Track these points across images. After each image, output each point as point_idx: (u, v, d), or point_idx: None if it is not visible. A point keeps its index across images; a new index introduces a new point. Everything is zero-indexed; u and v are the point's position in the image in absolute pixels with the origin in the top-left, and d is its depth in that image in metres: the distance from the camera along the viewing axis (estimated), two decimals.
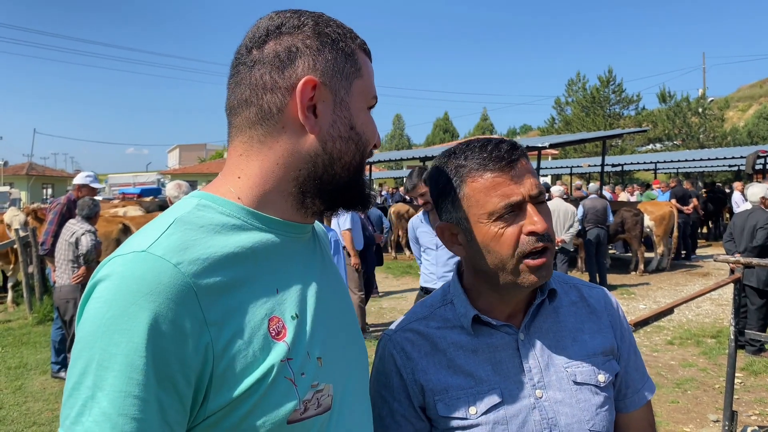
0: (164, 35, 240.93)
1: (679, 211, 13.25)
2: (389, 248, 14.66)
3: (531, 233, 1.05)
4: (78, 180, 6.52)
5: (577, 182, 20.01)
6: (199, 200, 0.90)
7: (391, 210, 14.53)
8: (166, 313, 0.75)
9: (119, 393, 0.72)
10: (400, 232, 14.34)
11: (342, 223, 6.94)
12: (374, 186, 23.25)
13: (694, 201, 13.90)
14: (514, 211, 1.06)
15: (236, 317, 0.81)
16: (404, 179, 4.06)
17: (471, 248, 1.12)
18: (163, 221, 0.85)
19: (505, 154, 1.08)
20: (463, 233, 1.12)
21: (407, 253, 14.38)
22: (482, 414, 1.09)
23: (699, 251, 14.35)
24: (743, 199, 12.28)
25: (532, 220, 1.05)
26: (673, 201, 13.58)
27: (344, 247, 6.54)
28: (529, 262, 1.06)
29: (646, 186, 18.57)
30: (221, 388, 0.78)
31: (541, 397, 1.10)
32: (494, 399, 1.10)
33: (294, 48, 0.91)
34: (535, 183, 1.08)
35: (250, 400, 0.80)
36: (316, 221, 1.07)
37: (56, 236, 5.96)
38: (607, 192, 16.25)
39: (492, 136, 1.15)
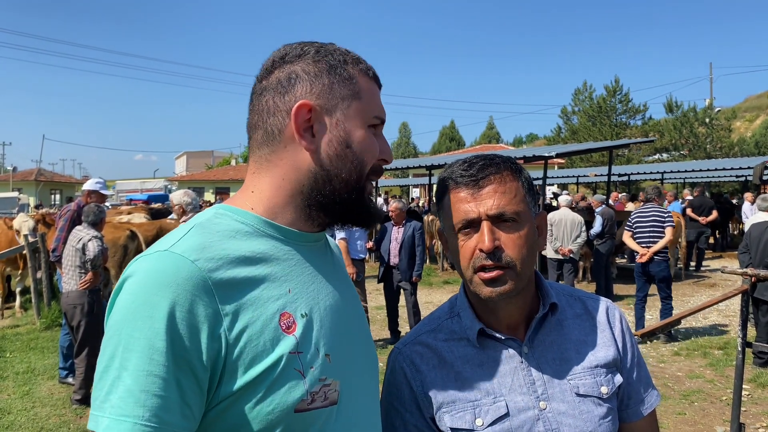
0: (173, 43, 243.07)
1: (694, 221, 13.45)
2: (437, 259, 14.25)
3: (480, 250, 1.11)
4: (87, 186, 6.55)
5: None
6: (217, 210, 1.00)
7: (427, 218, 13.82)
8: (183, 302, 0.83)
9: (141, 372, 0.81)
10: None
11: (336, 232, 6.97)
12: (380, 194, 23.10)
13: (714, 212, 13.74)
14: (473, 227, 1.13)
15: (249, 310, 0.88)
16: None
17: (452, 256, 1.20)
18: (184, 227, 0.95)
19: (474, 171, 1.15)
20: (447, 241, 1.21)
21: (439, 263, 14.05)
22: (488, 425, 1.13)
23: (706, 262, 14.27)
24: (752, 210, 12.22)
25: (481, 238, 1.11)
26: (689, 210, 13.60)
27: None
28: (482, 275, 1.12)
29: None
30: (234, 373, 0.86)
31: (545, 409, 1.14)
32: (500, 411, 1.13)
33: (294, 75, 1.00)
34: (497, 204, 1.12)
35: (261, 386, 0.86)
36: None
37: (67, 242, 5.99)
38: (611, 202, 16.19)
39: (492, 152, 1.21)
